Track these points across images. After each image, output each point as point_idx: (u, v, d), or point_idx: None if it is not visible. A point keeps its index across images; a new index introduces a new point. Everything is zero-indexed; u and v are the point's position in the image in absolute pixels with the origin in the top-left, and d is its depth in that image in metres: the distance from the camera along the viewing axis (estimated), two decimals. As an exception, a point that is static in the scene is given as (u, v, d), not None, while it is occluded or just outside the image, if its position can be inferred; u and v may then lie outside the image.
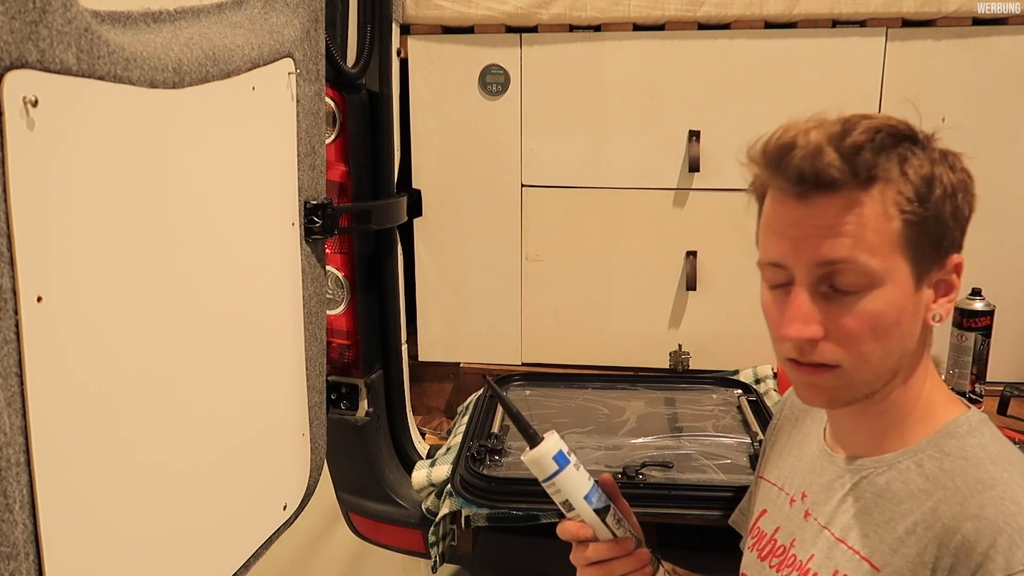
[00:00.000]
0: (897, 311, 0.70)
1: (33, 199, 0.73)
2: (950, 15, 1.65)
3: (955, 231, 0.72)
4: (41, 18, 0.71)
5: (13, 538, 0.73)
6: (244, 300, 1.13)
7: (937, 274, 0.72)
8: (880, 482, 0.75)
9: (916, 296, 0.71)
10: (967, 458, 0.71)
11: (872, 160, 0.67)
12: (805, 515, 0.82)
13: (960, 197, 0.71)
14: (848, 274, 0.69)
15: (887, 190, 0.68)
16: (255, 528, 1.20)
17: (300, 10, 1.18)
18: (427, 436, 1.88)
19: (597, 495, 0.87)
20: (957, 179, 0.71)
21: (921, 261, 0.70)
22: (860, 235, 0.68)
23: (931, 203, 0.69)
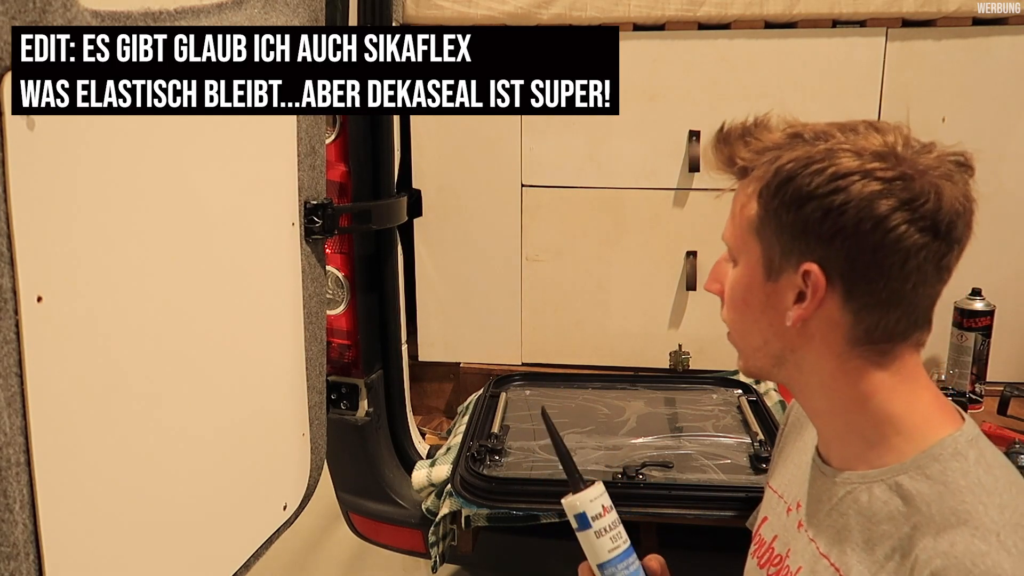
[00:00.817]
0: (744, 290, 0.78)
1: (33, 199, 0.73)
2: (950, 15, 1.65)
3: (804, 237, 0.71)
4: (41, 18, 0.72)
5: (13, 538, 0.73)
6: (244, 300, 1.13)
7: (792, 276, 0.73)
8: (863, 500, 0.73)
9: (768, 287, 0.75)
10: (947, 484, 0.69)
11: (750, 155, 0.75)
12: (798, 526, 0.82)
13: (809, 207, 0.70)
14: (728, 247, 0.80)
15: (754, 182, 0.74)
16: (255, 528, 1.20)
17: (300, 10, 1.18)
18: (427, 436, 1.88)
19: (624, 565, 0.86)
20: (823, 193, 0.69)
21: (770, 255, 0.74)
22: (733, 216, 0.78)
23: (774, 200, 0.72)
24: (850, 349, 0.73)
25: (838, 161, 0.69)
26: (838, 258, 0.70)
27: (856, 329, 0.72)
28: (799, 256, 0.72)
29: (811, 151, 0.71)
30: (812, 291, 0.71)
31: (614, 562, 0.87)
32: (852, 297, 0.71)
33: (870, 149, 0.69)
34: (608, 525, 0.88)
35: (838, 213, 0.68)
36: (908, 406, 0.73)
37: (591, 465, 1.40)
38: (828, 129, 0.73)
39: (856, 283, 0.70)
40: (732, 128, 0.78)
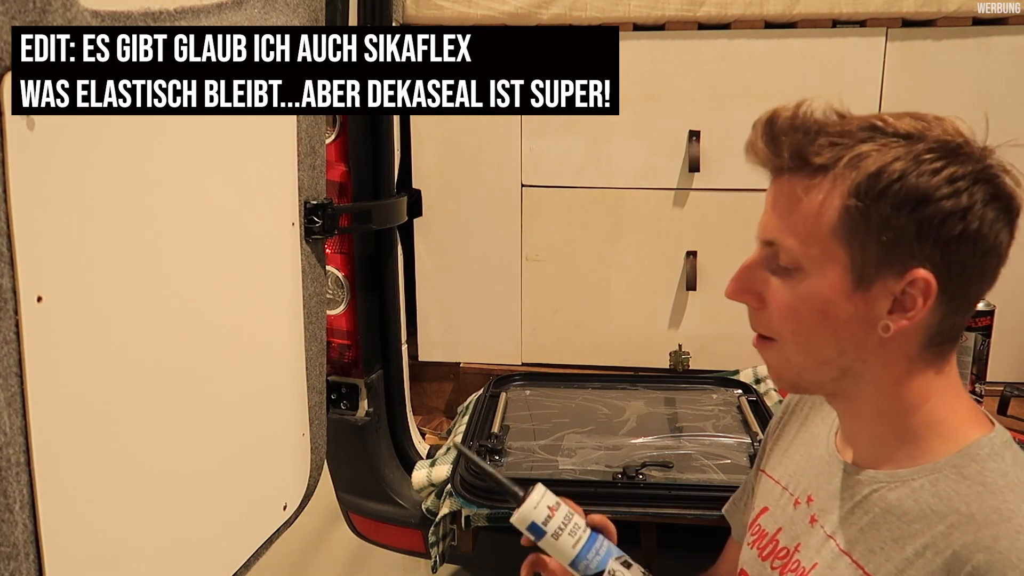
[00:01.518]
0: (822, 304, 0.70)
1: (33, 199, 0.73)
2: (950, 15, 1.65)
3: (918, 241, 0.66)
4: (41, 18, 0.72)
5: (13, 538, 0.73)
6: (244, 300, 1.13)
7: (891, 283, 0.67)
8: (891, 498, 0.72)
9: (856, 298, 0.69)
10: (986, 484, 0.67)
11: (817, 149, 0.68)
12: (811, 520, 0.81)
13: (929, 210, 0.65)
14: (782, 255, 0.72)
15: (836, 180, 0.68)
16: (255, 528, 1.20)
17: (300, 10, 1.18)
18: (427, 436, 1.88)
19: (593, 553, 0.86)
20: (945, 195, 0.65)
21: (863, 262, 0.68)
22: (793, 220, 0.70)
23: (879, 201, 0.66)
24: (920, 352, 0.70)
25: (945, 161, 0.65)
26: (951, 262, 0.66)
27: (935, 332, 0.69)
28: (904, 261, 0.66)
29: (911, 149, 0.66)
30: (923, 299, 0.67)
31: (582, 555, 0.86)
32: (950, 300, 0.68)
33: (962, 146, 0.67)
34: (561, 522, 0.87)
35: (960, 217, 0.65)
36: (952, 410, 0.72)
37: (591, 465, 1.40)
38: (900, 121, 0.68)
39: (959, 287, 0.67)
40: (783, 114, 0.70)
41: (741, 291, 0.75)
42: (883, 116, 0.68)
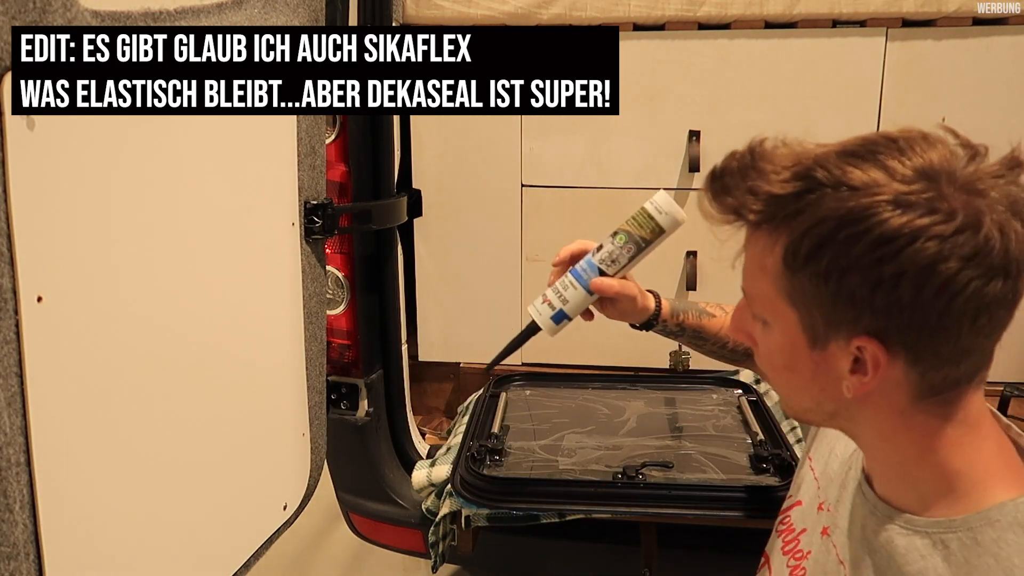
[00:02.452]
0: (787, 357, 0.68)
1: (33, 199, 0.73)
2: (950, 15, 1.65)
3: (852, 310, 0.61)
4: (41, 18, 0.72)
5: (13, 538, 0.73)
6: (244, 300, 1.13)
7: (840, 343, 0.63)
8: (899, 544, 0.67)
9: (816, 355, 0.65)
10: (998, 558, 0.60)
11: (750, 205, 0.64)
12: (823, 532, 0.79)
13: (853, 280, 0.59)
14: (752, 305, 0.71)
15: (770, 240, 0.64)
16: (255, 528, 1.20)
17: (300, 10, 1.18)
18: (427, 436, 1.88)
19: (585, 280, 1.07)
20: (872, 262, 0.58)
21: (811, 323, 0.64)
22: (748, 276, 0.69)
23: (804, 269, 0.62)
24: (913, 405, 0.65)
25: (878, 219, 0.57)
26: (896, 329, 0.60)
27: (922, 387, 0.64)
28: (849, 328, 0.62)
29: (841, 206, 0.59)
30: (872, 365, 0.62)
31: (581, 282, 1.08)
32: (918, 360, 0.62)
33: (913, 193, 0.57)
34: (556, 291, 1.09)
35: (891, 286, 0.58)
36: (969, 461, 0.65)
37: (591, 465, 1.40)
38: (847, 162, 0.60)
39: (922, 348, 0.61)
40: (728, 168, 0.66)
41: (736, 331, 0.76)
42: (830, 157, 0.61)
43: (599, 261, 1.07)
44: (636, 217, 1.07)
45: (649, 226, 1.06)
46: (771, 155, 0.64)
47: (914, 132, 0.62)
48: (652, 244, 1.07)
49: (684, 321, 1.15)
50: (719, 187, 0.66)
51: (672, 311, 1.15)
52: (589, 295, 1.07)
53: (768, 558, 0.90)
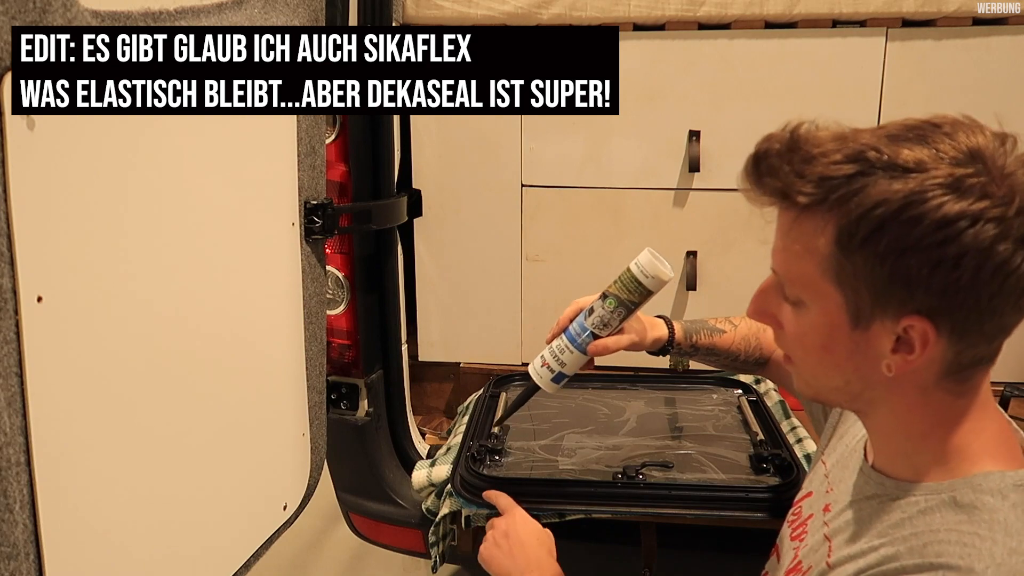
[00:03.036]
0: (823, 337, 0.69)
1: (33, 199, 0.73)
2: (950, 15, 1.65)
3: (908, 290, 0.62)
4: (41, 18, 0.72)
5: (13, 538, 0.73)
6: (244, 300, 1.13)
7: (888, 324, 0.64)
8: (889, 506, 0.70)
9: (856, 335, 0.66)
10: (971, 515, 0.64)
11: (800, 187, 0.64)
12: (825, 509, 0.82)
13: (914, 260, 0.60)
14: (785, 287, 0.71)
15: (820, 222, 0.64)
16: (255, 528, 1.20)
17: (300, 10, 1.18)
18: (427, 436, 1.88)
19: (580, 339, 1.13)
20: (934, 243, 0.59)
21: (857, 303, 0.65)
22: (788, 257, 0.69)
23: (861, 250, 0.62)
24: (937, 382, 0.67)
25: (938, 202, 0.59)
26: (948, 308, 0.62)
27: (953, 364, 0.66)
28: (898, 307, 0.63)
29: (899, 188, 0.60)
30: (920, 344, 0.64)
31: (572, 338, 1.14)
32: (959, 339, 0.64)
33: (967, 175, 0.59)
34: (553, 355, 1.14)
35: (951, 267, 0.59)
36: (967, 440, 0.68)
37: (591, 465, 1.40)
38: (898, 144, 0.62)
39: (969, 327, 0.63)
40: (771, 151, 0.66)
41: (758, 313, 0.75)
42: (879, 140, 0.63)
43: (592, 326, 1.12)
44: (624, 281, 1.11)
45: (637, 291, 1.10)
46: (814, 138, 0.65)
47: (950, 117, 0.64)
48: (641, 304, 1.13)
49: (697, 342, 1.21)
50: (764, 168, 0.66)
51: (685, 335, 1.21)
52: (585, 356, 1.14)
53: (778, 547, 0.91)
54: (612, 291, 1.12)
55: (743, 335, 1.20)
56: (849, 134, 0.65)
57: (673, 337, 1.20)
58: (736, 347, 1.20)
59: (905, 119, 0.65)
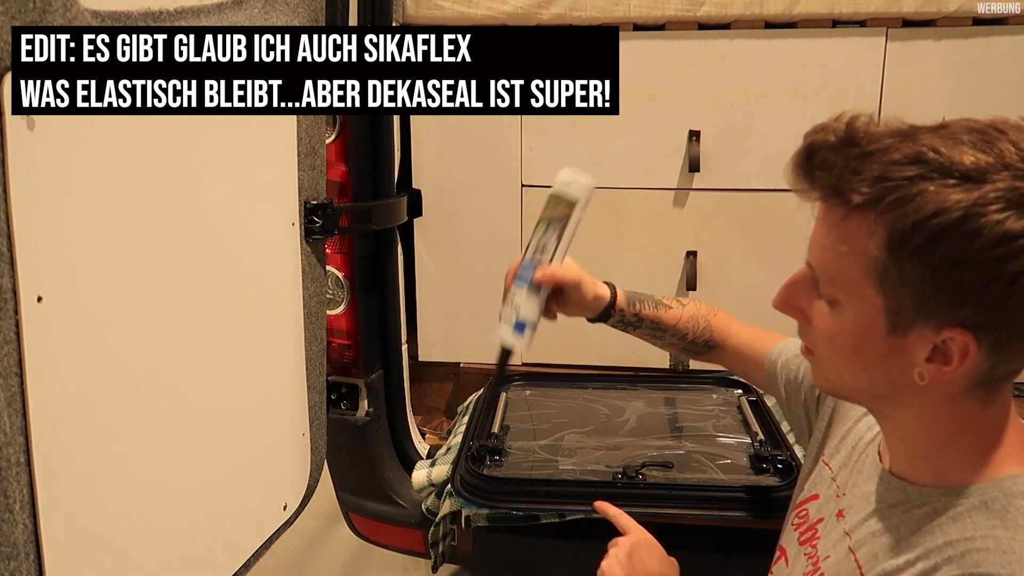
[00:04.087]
0: (856, 339, 0.67)
1: (33, 199, 0.73)
2: (950, 15, 1.65)
3: (956, 302, 0.60)
4: (41, 18, 0.72)
5: (13, 538, 0.73)
6: (244, 300, 1.13)
7: (928, 333, 0.63)
8: (915, 513, 0.69)
9: (892, 341, 0.65)
10: (1005, 518, 0.63)
11: (854, 186, 0.62)
12: (839, 514, 0.80)
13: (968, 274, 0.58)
14: (821, 284, 0.69)
15: (872, 224, 0.62)
16: (255, 528, 1.20)
17: (300, 10, 1.18)
18: (427, 436, 1.88)
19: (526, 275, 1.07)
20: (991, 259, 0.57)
21: (898, 309, 0.63)
22: (830, 254, 0.67)
23: (913, 258, 0.60)
24: (967, 392, 0.65)
25: (1000, 217, 0.57)
26: (994, 324, 0.60)
27: (986, 377, 0.64)
28: (942, 317, 0.61)
29: (960, 198, 0.58)
30: (960, 356, 0.62)
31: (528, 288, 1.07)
32: (997, 353, 0.62)
33: None
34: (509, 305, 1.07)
35: (1006, 283, 0.58)
36: (993, 446, 0.67)
37: (591, 465, 1.40)
38: (959, 149, 0.59)
39: (1009, 343, 0.62)
40: (826, 143, 0.64)
41: (786, 306, 0.73)
42: (942, 142, 0.60)
43: (531, 255, 1.08)
44: (548, 202, 1.08)
45: (563, 203, 1.07)
46: (873, 133, 0.62)
47: (1012, 122, 0.62)
48: (572, 219, 1.08)
49: (641, 311, 1.17)
50: (817, 162, 0.64)
51: (628, 300, 1.16)
52: (536, 291, 1.07)
53: (784, 551, 0.90)
54: (541, 217, 1.09)
55: (691, 314, 1.18)
56: (909, 131, 0.62)
57: (615, 300, 1.16)
58: (683, 325, 1.17)
59: (967, 120, 0.63)
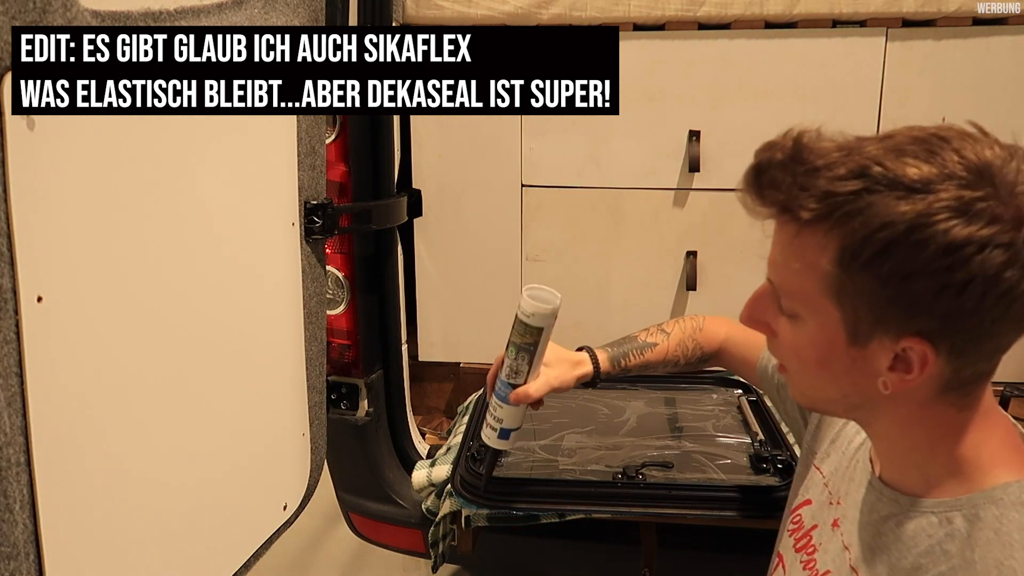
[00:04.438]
0: (820, 352, 0.68)
1: (33, 199, 0.73)
2: (950, 15, 1.65)
3: (910, 312, 0.61)
4: (41, 18, 0.72)
5: (13, 538, 0.73)
6: (244, 300, 1.13)
7: (887, 343, 0.63)
8: (908, 527, 0.68)
9: (854, 351, 0.65)
10: (999, 532, 0.62)
11: (803, 202, 0.62)
12: (834, 524, 0.80)
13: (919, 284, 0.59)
14: (782, 299, 0.69)
15: (822, 239, 0.62)
16: (255, 528, 1.20)
17: (300, 10, 1.18)
18: (427, 436, 1.88)
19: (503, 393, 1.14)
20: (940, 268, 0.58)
21: (856, 320, 0.64)
22: (786, 270, 0.67)
23: (863, 271, 0.61)
24: (937, 397, 0.66)
25: (945, 226, 0.57)
26: (950, 331, 0.61)
27: (952, 381, 0.65)
28: (898, 327, 0.62)
29: (906, 210, 0.58)
30: (919, 364, 0.63)
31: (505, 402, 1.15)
32: (958, 357, 0.63)
33: (975, 198, 0.57)
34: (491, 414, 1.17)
35: (956, 292, 0.58)
36: (977, 448, 0.67)
37: (591, 465, 1.40)
38: (904, 161, 0.59)
39: (967, 348, 0.62)
40: (773, 161, 0.64)
41: (752, 321, 0.74)
42: (885, 154, 0.60)
43: (507, 377, 1.14)
44: (515, 327, 1.12)
45: (529, 332, 1.10)
46: (818, 148, 0.63)
47: (956, 129, 0.62)
48: (540, 342, 1.12)
49: (627, 366, 1.20)
50: (766, 181, 0.64)
51: (612, 362, 1.20)
52: (516, 407, 1.15)
53: (781, 557, 0.90)
54: (511, 339, 1.12)
55: (678, 341, 1.20)
56: (854, 144, 0.62)
57: (599, 370, 1.20)
58: (673, 355, 1.20)
59: (911, 128, 0.63)
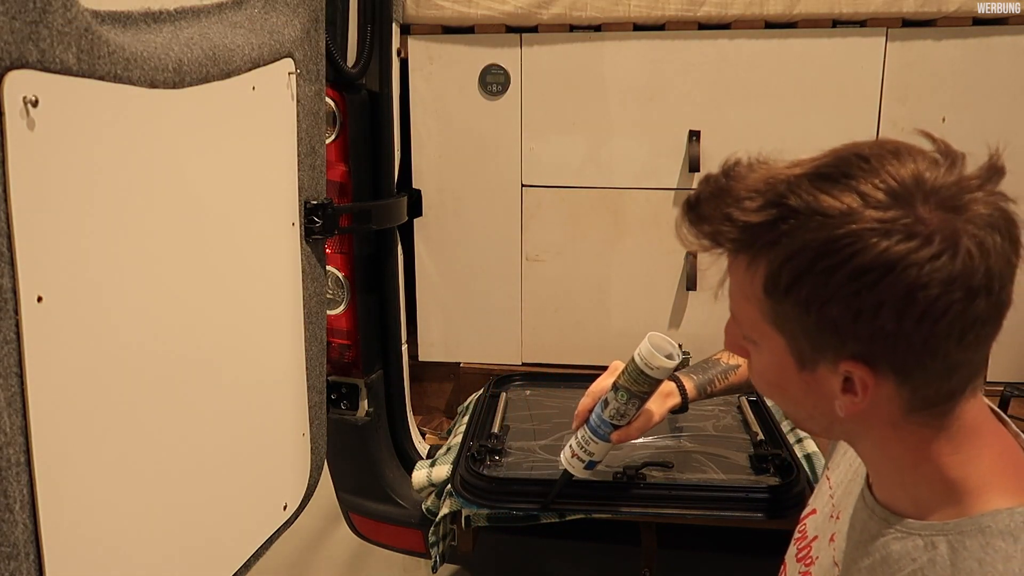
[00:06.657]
0: (777, 377, 0.68)
1: (33, 199, 0.73)
2: (950, 15, 1.65)
3: (837, 337, 0.60)
4: (41, 18, 0.72)
5: (13, 538, 0.73)
6: (244, 300, 1.13)
7: (828, 366, 0.63)
8: (894, 548, 0.67)
9: (805, 376, 0.66)
10: (982, 563, 0.60)
11: (728, 234, 0.63)
12: (831, 539, 0.80)
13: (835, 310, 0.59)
14: (740, 327, 0.70)
15: (751, 269, 0.63)
16: (255, 528, 1.20)
17: (300, 10, 1.18)
18: (427, 436, 1.88)
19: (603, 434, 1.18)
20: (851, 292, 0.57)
21: (799, 347, 0.64)
22: (735, 297, 0.68)
23: (785, 299, 0.61)
24: (906, 417, 0.65)
25: (854, 249, 0.57)
26: (882, 353, 0.60)
27: (914, 401, 0.63)
28: (835, 352, 0.62)
29: (817, 236, 0.58)
30: (861, 388, 0.62)
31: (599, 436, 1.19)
32: (908, 379, 0.62)
33: (888, 220, 0.56)
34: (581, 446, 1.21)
35: (871, 315, 0.58)
36: (966, 469, 0.65)
37: (591, 465, 1.40)
38: (819, 188, 0.59)
39: (910, 369, 0.61)
40: (703, 195, 0.65)
41: (729, 346, 0.75)
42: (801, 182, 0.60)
43: (610, 418, 1.18)
44: (631, 373, 1.14)
45: (647, 382, 1.14)
46: (744, 179, 0.63)
47: (887, 146, 0.61)
48: (653, 392, 1.17)
49: (713, 391, 1.26)
50: (695, 216, 0.65)
51: (699, 390, 1.26)
52: (610, 443, 1.20)
53: (785, 565, 0.90)
54: (622, 383, 1.15)
55: None
56: (776, 175, 0.62)
57: (687, 400, 1.26)
58: None
59: (836, 149, 0.62)
